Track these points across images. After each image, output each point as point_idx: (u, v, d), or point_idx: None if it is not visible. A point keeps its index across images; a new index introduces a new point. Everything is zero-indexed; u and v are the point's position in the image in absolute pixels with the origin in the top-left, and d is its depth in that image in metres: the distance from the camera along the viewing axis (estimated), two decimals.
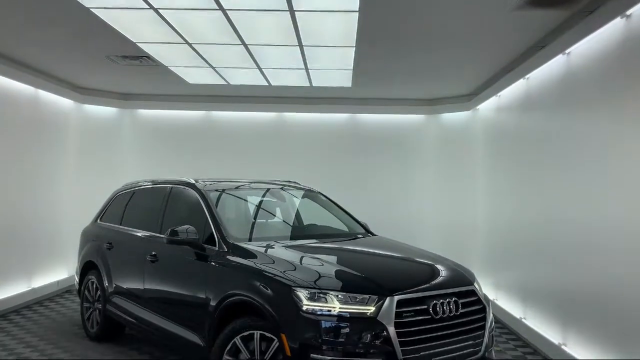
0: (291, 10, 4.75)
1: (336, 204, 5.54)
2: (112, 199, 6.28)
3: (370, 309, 3.37)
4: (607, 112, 4.35)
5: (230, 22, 5.08)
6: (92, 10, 4.84)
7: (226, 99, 8.93)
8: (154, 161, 9.02)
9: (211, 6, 4.68)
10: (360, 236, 5.06)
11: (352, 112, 9.09)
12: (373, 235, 5.18)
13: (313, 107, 8.98)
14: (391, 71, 6.96)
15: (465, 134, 8.48)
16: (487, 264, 7.59)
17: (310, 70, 6.98)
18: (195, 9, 4.80)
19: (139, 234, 5.31)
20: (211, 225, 4.38)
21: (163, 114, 9.21)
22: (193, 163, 8.90)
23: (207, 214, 4.49)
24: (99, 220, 6.30)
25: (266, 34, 5.49)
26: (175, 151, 9.09)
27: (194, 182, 4.97)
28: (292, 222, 5.45)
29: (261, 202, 5.42)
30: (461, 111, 8.58)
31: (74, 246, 6.68)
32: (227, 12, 4.82)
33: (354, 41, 5.59)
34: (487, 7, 4.60)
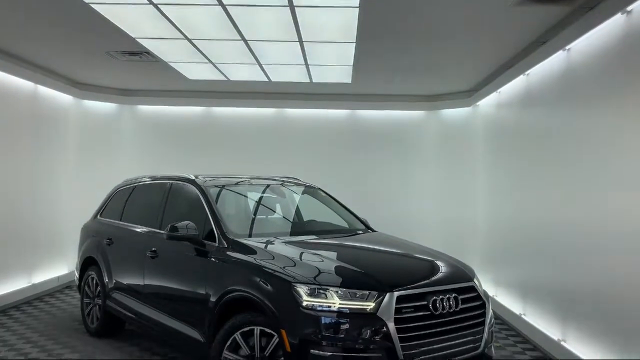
0: (291, 6, 4.74)
1: (336, 200, 5.54)
2: (112, 194, 6.28)
3: (370, 305, 3.37)
4: (607, 108, 4.35)
5: (230, 17, 5.07)
6: (91, 5, 4.83)
7: (226, 94, 8.92)
8: (154, 157, 9.03)
9: (211, 2, 4.67)
10: (360, 232, 5.06)
11: (352, 108, 9.09)
12: (373, 231, 5.18)
13: (313, 103, 8.97)
14: (391, 67, 6.95)
15: (466, 130, 8.47)
16: (486, 260, 7.59)
17: (310, 66, 6.97)
18: (195, 5, 4.79)
19: (139, 230, 5.32)
20: (211, 221, 4.38)
21: (163, 109, 9.21)
22: (193, 159, 8.91)
23: (207, 209, 4.49)
24: (99, 216, 6.29)
25: (266, 30, 5.48)
26: (175, 147, 9.08)
27: (194, 178, 4.97)
28: (292, 218, 5.46)
29: (261, 198, 5.42)
30: (461, 107, 8.58)
31: (74, 242, 6.68)
32: (227, 7, 4.81)
33: (354, 37, 5.58)
34: (488, 3, 4.59)
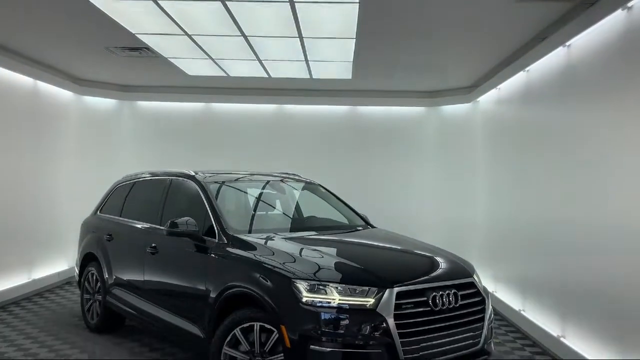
0: (291, 2, 4.73)
1: (336, 196, 5.54)
2: (112, 190, 6.28)
3: (370, 301, 3.37)
4: (608, 104, 4.34)
5: (230, 13, 5.06)
6: (91, 1, 4.81)
7: (226, 90, 8.91)
8: (154, 153, 9.01)
9: None
10: (360, 228, 5.06)
11: (352, 105, 9.07)
12: (373, 227, 5.19)
13: (313, 99, 8.96)
14: (391, 63, 6.94)
15: (466, 127, 8.46)
16: (486, 256, 7.60)
17: (310, 62, 6.96)
18: (195, 0, 4.78)
19: (139, 226, 5.32)
20: (211, 217, 4.39)
21: (162, 105, 9.20)
22: (192, 155, 8.89)
23: (207, 205, 4.49)
24: (99, 212, 6.30)
25: (266, 26, 5.47)
26: (174, 143, 9.07)
27: (194, 174, 4.97)
28: (292, 214, 5.46)
29: (261, 194, 5.42)
30: (461, 103, 8.57)
31: (74, 238, 6.68)
32: (227, 3, 4.79)
33: (354, 33, 5.57)
34: None
